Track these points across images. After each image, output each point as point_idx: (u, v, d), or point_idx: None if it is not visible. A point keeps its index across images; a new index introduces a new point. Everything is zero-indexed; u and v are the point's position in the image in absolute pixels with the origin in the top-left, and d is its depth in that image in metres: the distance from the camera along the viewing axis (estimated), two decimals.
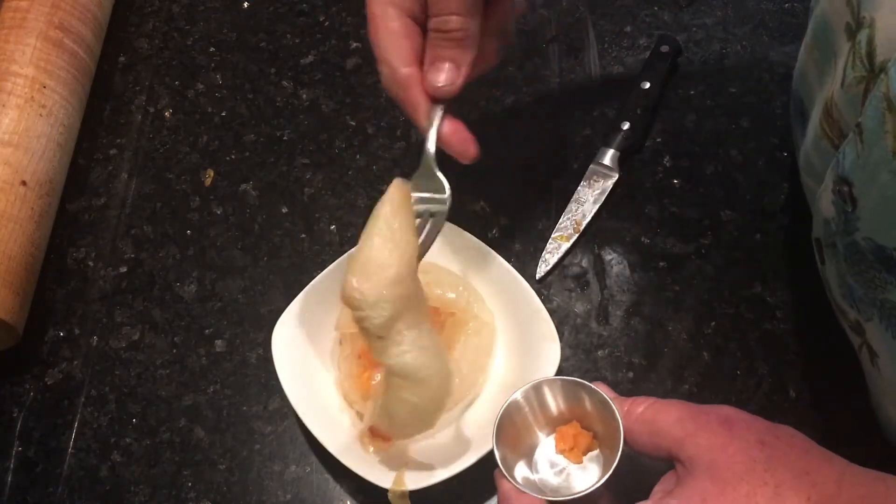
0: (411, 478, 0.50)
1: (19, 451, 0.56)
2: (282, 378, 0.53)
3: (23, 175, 0.59)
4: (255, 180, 0.65)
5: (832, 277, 0.47)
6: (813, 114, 0.51)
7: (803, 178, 0.54)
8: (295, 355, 0.55)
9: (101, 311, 0.61)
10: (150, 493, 0.54)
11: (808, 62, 0.52)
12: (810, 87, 0.52)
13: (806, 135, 0.52)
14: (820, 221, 0.47)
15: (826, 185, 0.45)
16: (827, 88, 0.47)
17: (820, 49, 0.50)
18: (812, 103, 0.52)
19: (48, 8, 0.64)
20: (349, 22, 0.72)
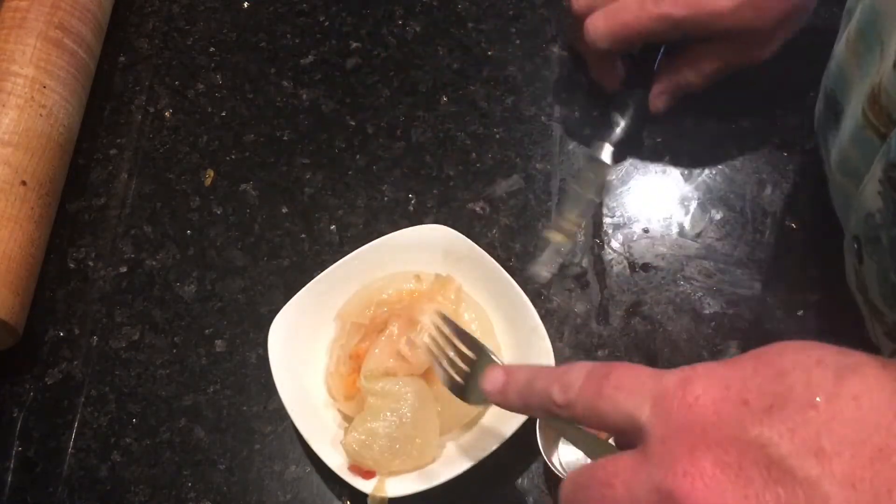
0: (393, 485, 0.50)
1: (19, 451, 0.56)
2: (276, 376, 0.53)
3: (23, 175, 0.59)
4: (255, 180, 0.65)
5: (871, 277, 0.44)
6: (850, 108, 0.50)
7: (836, 181, 0.53)
8: (290, 353, 0.55)
9: (101, 311, 0.61)
10: (150, 493, 0.54)
11: (849, 57, 0.52)
12: (848, 82, 0.52)
13: (840, 132, 0.51)
14: (860, 218, 0.45)
15: (872, 175, 0.43)
16: (869, 79, 0.47)
17: (864, 40, 0.49)
18: (848, 99, 0.51)
19: (48, 8, 0.64)
20: (349, 22, 0.72)
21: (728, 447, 0.26)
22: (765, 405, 0.26)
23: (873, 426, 0.25)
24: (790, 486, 0.25)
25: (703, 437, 0.27)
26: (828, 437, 0.25)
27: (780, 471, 0.25)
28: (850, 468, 0.24)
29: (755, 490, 0.25)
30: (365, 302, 0.56)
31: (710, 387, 0.28)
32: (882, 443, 0.24)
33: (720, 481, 0.26)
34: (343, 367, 0.54)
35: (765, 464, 0.25)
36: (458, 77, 0.68)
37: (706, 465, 0.26)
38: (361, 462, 0.51)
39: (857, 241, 0.47)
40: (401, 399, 0.51)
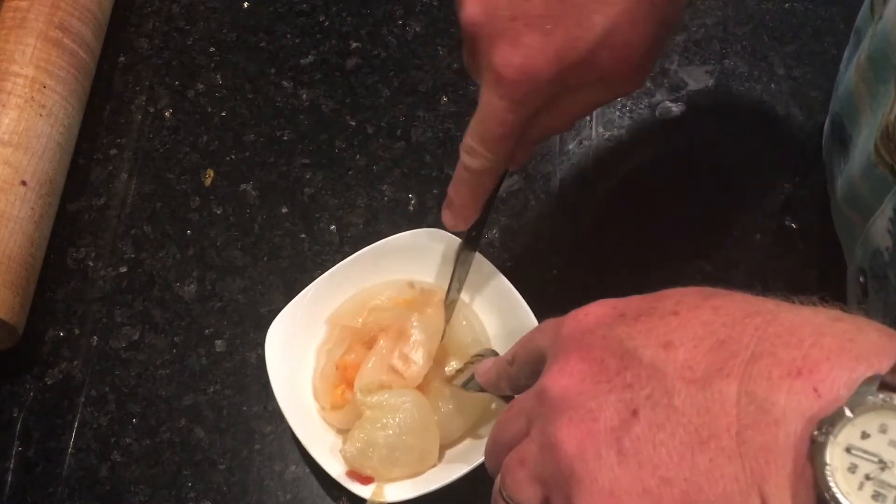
0: (391, 490, 0.50)
1: (19, 451, 0.56)
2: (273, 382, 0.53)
3: (23, 175, 0.59)
4: (255, 180, 0.65)
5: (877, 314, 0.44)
6: (860, 140, 0.49)
7: (841, 210, 0.52)
8: (287, 358, 0.55)
9: (101, 311, 0.61)
10: (150, 493, 0.54)
11: (858, 83, 0.50)
12: (857, 110, 0.51)
13: (849, 164, 0.50)
14: (867, 252, 0.45)
15: (882, 212, 0.43)
16: (882, 111, 0.45)
17: (875, 69, 0.48)
18: (857, 128, 0.50)
19: (48, 8, 0.64)
20: (349, 22, 0.72)
21: (595, 346, 0.30)
22: (636, 315, 0.30)
23: (720, 325, 0.27)
24: (637, 369, 0.28)
25: (578, 342, 0.31)
26: (678, 334, 0.28)
27: (630, 358, 0.28)
28: (691, 355, 0.27)
29: (608, 375, 0.29)
30: (357, 307, 0.56)
31: (599, 308, 0.32)
32: (724, 336, 0.27)
33: (582, 371, 0.29)
34: (330, 375, 0.54)
35: (619, 354, 0.29)
36: (458, 77, 0.68)
37: (573, 362, 0.30)
38: (360, 470, 0.50)
39: (862, 273, 0.47)
40: (399, 409, 0.51)
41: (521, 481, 0.31)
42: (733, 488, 0.25)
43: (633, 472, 0.26)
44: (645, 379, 0.28)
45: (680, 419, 0.26)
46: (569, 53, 0.40)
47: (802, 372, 0.25)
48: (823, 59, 0.67)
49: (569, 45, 0.40)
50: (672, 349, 0.28)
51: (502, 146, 0.44)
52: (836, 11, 0.69)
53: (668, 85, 0.67)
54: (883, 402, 0.23)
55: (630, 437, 0.27)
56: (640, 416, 0.27)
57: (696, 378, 0.27)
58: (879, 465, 0.23)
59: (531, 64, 0.40)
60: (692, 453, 0.26)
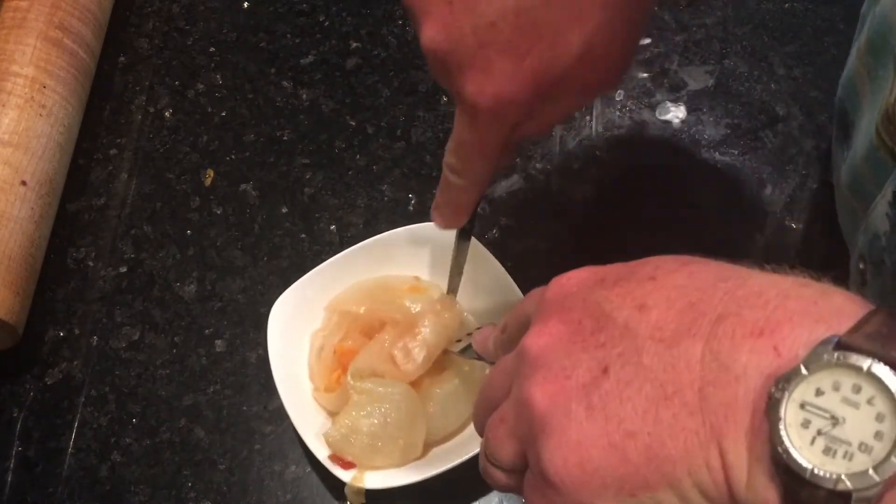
0: (371, 478, 0.51)
1: (19, 451, 0.56)
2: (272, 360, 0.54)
3: (23, 175, 0.59)
4: (255, 180, 0.65)
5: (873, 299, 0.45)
6: (862, 125, 0.49)
7: (844, 198, 0.52)
8: (288, 339, 0.55)
9: (101, 311, 0.61)
10: (150, 493, 0.54)
11: (860, 69, 0.50)
12: (859, 95, 0.51)
13: (852, 150, 0.50)
14: (867, 239, 0.45)
15: (883, 197, 0.43)
16: (882, 95, 0.45)
17: (875, 53, 0.48)
18: (859, 114, 0.50)
19: (48, 8, 0.64)
20: (349, 22, 0.72)
21: (574, 308, 0.31)
22: (615, 280, 0.31)
23: (693, 289, 0.28)
24: (611, 329, 0.29)
25: (559, 304, 0.32)
26: (652, 297, 0.29)
27: (606, 319, 0.29)
28: (662, 316, 0.28)
29: (583, 336, 0.29)
30: (358, 295, 0.56)
31: (581, 273, 0.32)
32: (695, 299, 0.28)
33: (560, 332, 0.30)
34: (327, 358, 0.55)
35: (596, 316, 0.30)
36: None
37: (552, 324, 0.31)
38: (342, 455, 0.51)
39: (862, 261, 0.47)
40: (387, 400, 0.51)
41: (500, 437, 0.32)
42: (693, 442, 0.26)
43: (600, 425, 0.27)
44: (618, 338, 0.28)
45: (647, 376, 0.27)
46: (545, 76, 0.38)
47: (764, 332, 0.26)
48: (823, 59, 0.67)
49: (544, 68, 0.38)
50: (646, 311, 0.28)
51: (483, 165, 0.44)
52: (836, 11, 0.69)
53: (668, 85, 0.67)
54: (837, 360, 0.24)
55: (599, 392, 0.28)
56: (611, 373, 0.28)
57: (664, 337, 0.27)
58: (831, 421, 0.24)
59: (505, 91, 0.39)
60: (656, 408, 0.27)
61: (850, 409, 0.24)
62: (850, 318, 0.25)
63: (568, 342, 0.30)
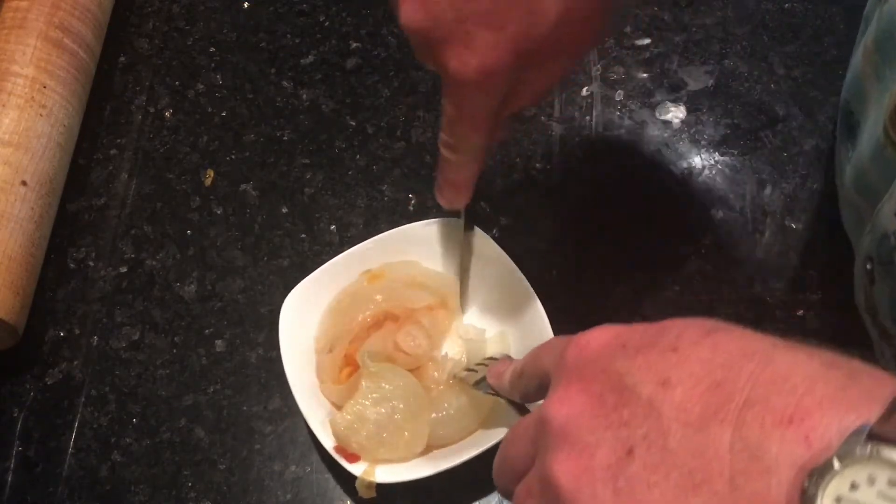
0: (382, 472, 0.51)
1: (19, 451, 0.56)
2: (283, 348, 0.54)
3: (23, 175, 0.59)
4: (255, 180, 0.65)
5: (883, 299, 0.45)
6: (868, 124, 0.49)
7: (849, 198, 0.52)
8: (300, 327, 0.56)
9: (101, 311, 0.61)
10: (150, 493, 0.54)
11: (866, 68, 0.50)
12: (865, 94, 0.50)
13: (857, 149, 0.50)
14: (875, 238, 0.45)
15: (891, 195, 0.43)
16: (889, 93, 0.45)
17: (882, 52, 0.48)
18: (865, 113, 0.50)
19: (48, 8, 0.64)
20: (349, 22, 0.72)
21: (596, 378, 0.30)
22: (637, 348, 0.30)
23: (718, 365, 0.27)
24: (634, 406, 0.28)
25: (580, 372, 0.31)
26: (676, 372, 0.28)
27: (629, 394, 0.28)
28: (687, 396, 0.27)
29: (606, 410, 0.29)
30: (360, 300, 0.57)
31: (601, 336, 0.32)
32: (720, 378, 0.27)
33: (582, 404, 0.30)
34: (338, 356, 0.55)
35: (619, 390, 0.29)
36: None
37: (573, 393, 0.30)
38: (346, 444, 0.51)
39: (869, 261, 0.46)
40: (395, 391, 0.51)
41: None
42: None
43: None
44: (641, 417, 0.28)
45: (674, 461, 0.26)
46: (525, 44, 0.39)
47: (794, 420, 0.25)
48: (823, 59, 0.67)
49: (524, 36, 0.39)
50: (669, 388, 0.28)
51: (476, 138, 0.44)
52: (836, 11, 0.69)
53: (668, 85, 0.67)
54: (870, 453, 0.23)
55: (625, 476, 0.27)
56: (636, 455, 0.27)
57: (691, 421, 0.27)
58: None
59: (488, 63, 0.39)
60: (686, 496, 0.26)
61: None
62: (881, 403, 0.24)
63: (591, 416, 0.29)
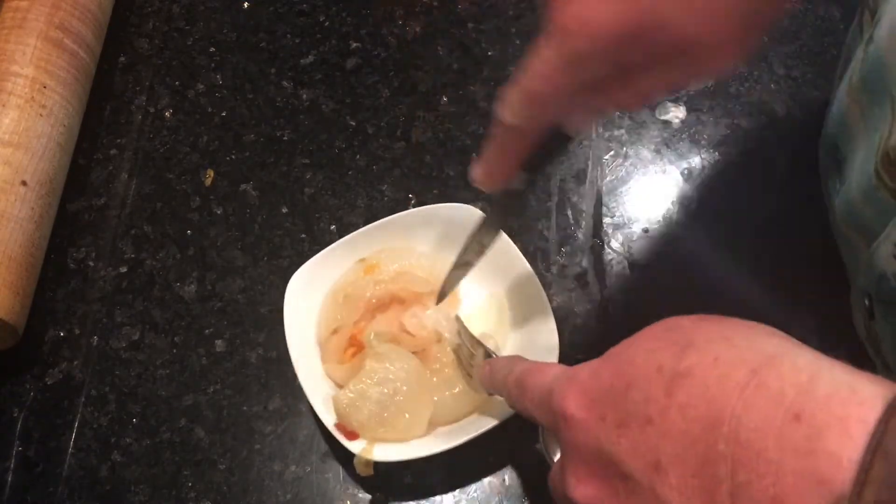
0: (380, 450, 0.51)
1: (19, 451, 0.56)
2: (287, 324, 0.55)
3: (23, 175, 0.59)
4: (255, 180, 0.65)
5: (886, 337, 0.45)
6: (856, 162, 0.48)
7: (840, 228, 0.52)
8: (304, 306, 0.56)
9: (101, 311, 0.61)
10: (150, 493, 0.54)
11: (851, 106, 0.50)
12: (851, 131, 0.50)
13: (847, 184, 0.49)
14: (872, 277, 0.45)
15: (887, 237, 0.43)
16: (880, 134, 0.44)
17: (870, 92, 0.47)
18: (852, 150, 0.50)
19: (48, 8, 0.64)
20: (349, 22, 0.72)
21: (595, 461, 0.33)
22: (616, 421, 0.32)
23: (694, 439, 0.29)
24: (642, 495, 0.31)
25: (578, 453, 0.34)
26: (662, 452, 0.30)
27: (634, 483, 0.31)
28: (681, 480, 0.30)
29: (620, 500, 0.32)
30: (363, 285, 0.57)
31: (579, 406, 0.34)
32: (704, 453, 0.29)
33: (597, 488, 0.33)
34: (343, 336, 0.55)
35: (622, 477, 0.32)
36: (458, 77, 0.68)
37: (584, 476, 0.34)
38: (347, 422, 0.51)
39: (867, 297, 0.46)
40: (400, 371, 0.52)
41: None
42: None
43: None
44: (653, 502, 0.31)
45: None
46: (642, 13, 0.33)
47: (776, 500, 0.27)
48: (823, 59, 0.67)
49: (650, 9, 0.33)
50: (663, 473, 0.30)
51: (541, 105, 0.38)
52: (835, 11, 0.69)
53: None
54: None
55: None
56: None
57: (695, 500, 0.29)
58: None
59: (594, 16, 0.34)
60: None
61: None
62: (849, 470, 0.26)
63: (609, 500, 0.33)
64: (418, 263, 0.58)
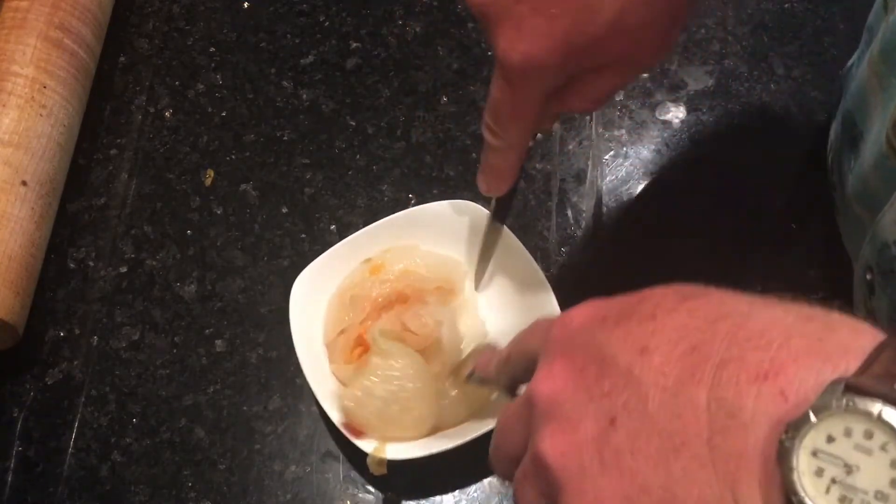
0: (393, 448, 0.51)
1: (19, 451, 0.56)
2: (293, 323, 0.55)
3: (23, 175, 0.59)
4: (255, 180, 0.65)
5: (882, 312, 0.45)
6: (872, 135, 0.49)
7: (850, 209, 0.52)
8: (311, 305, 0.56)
9: (101, 311, 0.61)
10: (150, 493, 0.54)
11: (871, 79, 0.50)
12: (870, 106, 0.50)
13: (860, 159, 0.50)
14: (875, 248, 0.45)
15: (892, 205, 0.43)
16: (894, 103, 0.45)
17: (888, 61, 0.47)
18: (869, 123, 0.50)
19: (48, 8, 0.64)
20: (349, 22, 0.72)
21: (578, 352, 0.31)
22: (617, 319, 0.30)
23: (693, 329, 0.28)
24: (614, 376, 0.28)
25: (563, 347, 0.31)
26: (653, 339, 0.28)
27: (609, 365, 0.29)
28: (664, 360, 0.27)
29: (587, 383, 0.29)
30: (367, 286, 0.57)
31: (584, 311, 0.32)
32: (697, 341, 0.27)
33: (564, 378, 0.30)
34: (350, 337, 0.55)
35: (599, 361, 0.29)
36: (458, 77, 0.68)
37: (557, 369, 0.31)
38: (354, 420, 0.51)
39: (869, 271, 0.46)
40: (405, 368, 0.52)
41: (527, 496, 0.32)
42: (707, 494, 0.25)
43: (615, 480, 0.27)
44: (622, 386, 0.28)
45: (654, 426, 0.27)
46: (576, 39, 0.38)
47: (769, 375, 0.25)
48: (823, 59, 0.67)
49: (576, 30, 0.38)
50: (647, 354, 0.28)
51: (517, 127, 0.43)
52: (836, 11, 0.69)
53: (668, 85, 0.67)
54: (846, 405, 0.23)
55: (609, 446, 0.27)
56: (618, 424, 0.28)
57: (668, 385, 0.27)
58: (845, 469, 0.24)
59: (535, 51, 0.39)
60: (667, 461, 0.26)
61: (864, 456, 0.23)
62: (858, 356, 0.24)
63: (573, 390, 0.30)
64: (423, 262, 0.58)
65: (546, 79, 0.40)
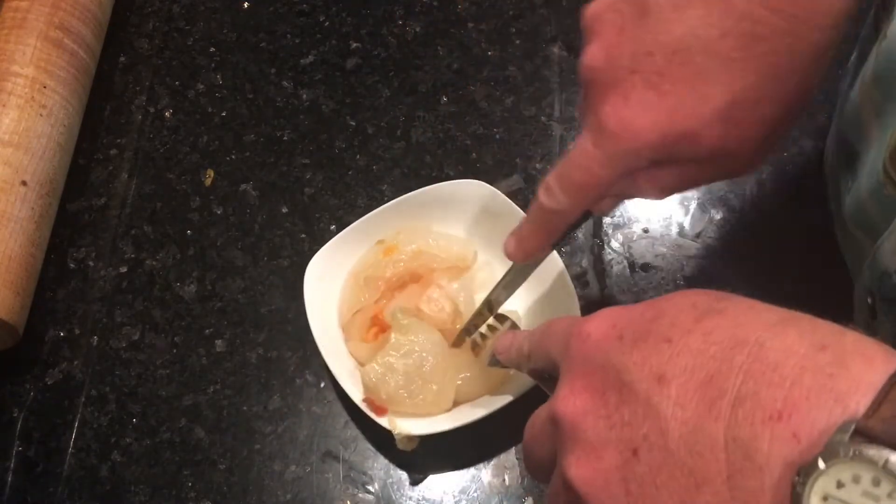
0: (417, 424, 0.51)
1: (19, 451, 0.56)
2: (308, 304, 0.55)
3: (23, 175, 0.59)
4: (255, 180, 0.65)
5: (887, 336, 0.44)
6: (868, 158, 0.49)
7: (847, 228, 0.52)
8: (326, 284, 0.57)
9: (101, 311, 0.61)
10: (150, 493, 0.54)
11: (865, 103, 0.50)
12: (865, 127, 0.50)
13: (857, 182, 0.50)
14: (875, 275, 0.45)
15: (891, 233, 0.43)
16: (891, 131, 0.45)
17: (882, 89, 0.47)
18: (865, 146, 0.50)
19: (48, 8, 0.64)
20: (349, 22, 0.72)
21: (597, 374, 0.31)
22: (633, 340, 0.31)
23: (710, 357, 0.28)
24: (633, 404, 0.29)
25: (583, 366, 0.32)
26: (670, 366, 0.29)
27: (628, 392, 0.29)
28: (682, 391, 0.28)
29: (608, 410, 0.30)
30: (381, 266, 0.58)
31: (601, 325, 0.32)
32: (712, 371, 0.28)
33: (585, 400, 0.31)
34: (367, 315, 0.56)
35: (619, 387, 0.30)
36: (458, 77, 0.68)
37: (578, 390, 0.31)
38: (376, 395, 0.52)
39: (870, 295, 0.46)
40: (425, 342, 0.52)
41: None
42: None
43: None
44: (642, 417, 0.29)
45: (675, 462, 0.27)
46: (681, 121, 0.37)
47: (783, 416, 0.25)
48: None
49: (683, 112, 0.37)
50: (665, 384, 0.28)
51: (582, 195, 0.42)
52: None
53: None
54: (853, 454, 0.24)
55: (634, 478, 0.28)
56: (640, 456, 0.28)
57: (687, 419, 0.27)
58: None
59: (638, 121, 0.38)
60: (691, 497, 0.27)
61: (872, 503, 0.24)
62: (868, 393, 0.25)
63: (595, 416, 0.30)
64: (435, 242, 0.58)
65: (637, 152, 0.39)
